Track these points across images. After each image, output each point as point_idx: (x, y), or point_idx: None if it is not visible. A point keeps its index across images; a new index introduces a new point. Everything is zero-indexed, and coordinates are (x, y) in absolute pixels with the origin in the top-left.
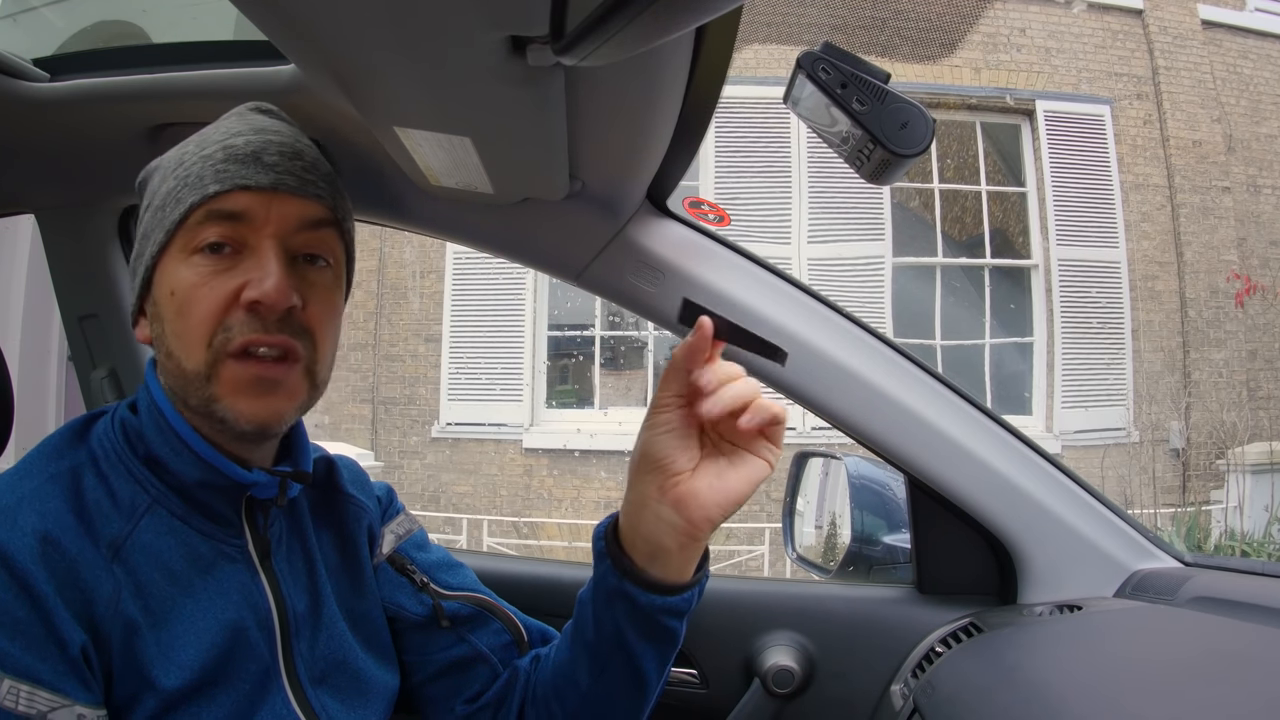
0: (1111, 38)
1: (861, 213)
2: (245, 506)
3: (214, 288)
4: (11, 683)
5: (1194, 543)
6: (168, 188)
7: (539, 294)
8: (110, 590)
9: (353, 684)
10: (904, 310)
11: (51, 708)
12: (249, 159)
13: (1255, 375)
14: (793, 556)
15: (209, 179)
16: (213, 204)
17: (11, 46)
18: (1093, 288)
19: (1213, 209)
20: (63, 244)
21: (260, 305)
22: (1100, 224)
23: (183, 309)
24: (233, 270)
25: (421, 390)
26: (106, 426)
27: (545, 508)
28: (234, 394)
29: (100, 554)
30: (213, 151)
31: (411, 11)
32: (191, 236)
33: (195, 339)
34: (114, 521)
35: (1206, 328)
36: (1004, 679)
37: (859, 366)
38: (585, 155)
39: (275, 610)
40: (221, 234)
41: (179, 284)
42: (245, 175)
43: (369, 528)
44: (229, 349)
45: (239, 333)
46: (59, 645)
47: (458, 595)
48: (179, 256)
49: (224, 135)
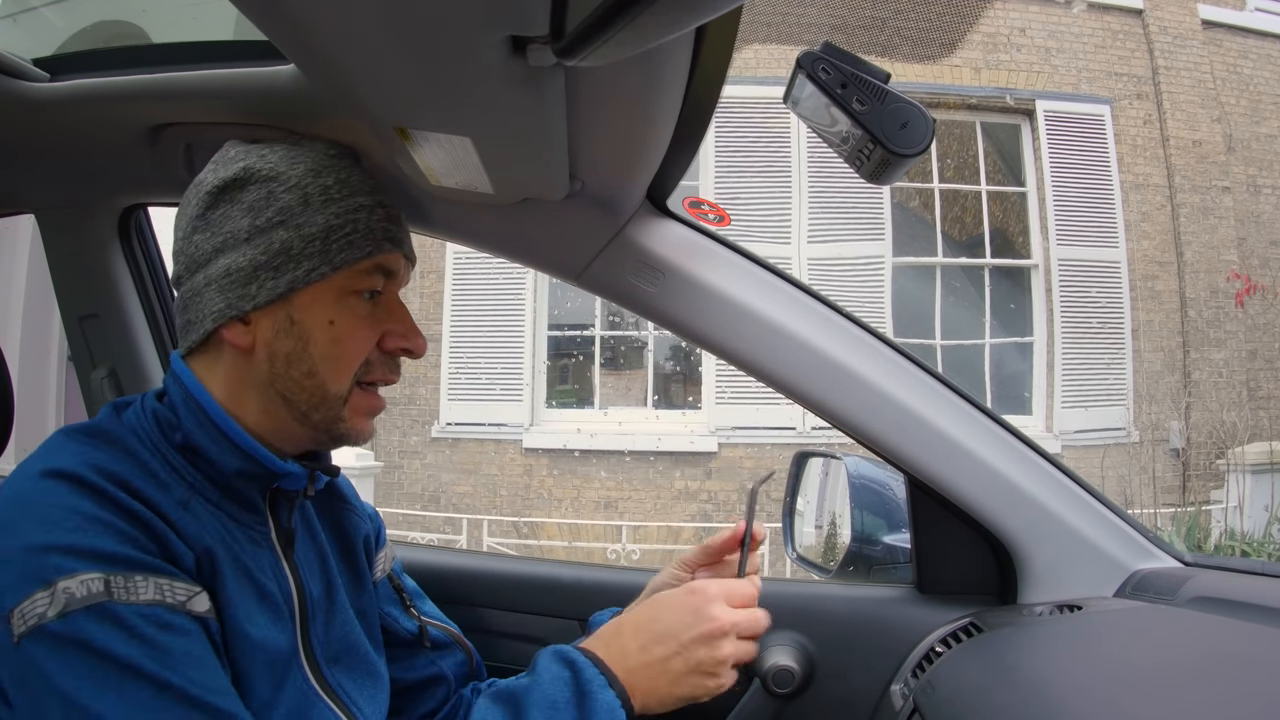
0: (1111, 38)
1: (861, 213)
2: (270, 499)
3: (369, 329)
4: (154, 580)
5: (1194, 543)
6: (325, 221)
7: (539, 294)
8: (196, 530)
9: (362, 665)
10: (904, 310)
11: (189, 595)
12: (395, 223)
13: (1255, 375)
14: (793, 556)
15: (380, 236)
16: (381, 259)
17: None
18: (1093, 288)
19: (1213, 209)
20: (63, 244)
21: (411, 354)
22: (1100, 224)
23: (339, 340)
24: (375, 315)
25: (421, 390)
26: (139, 414)
27: (545, 508)
28: (357, 416)
29: (176, 501)
30: (371, 204)
31: (411, 12)
32: (355, 280)
33: (345, 368)
34: (175, 487)
35: (1206, 328)
36: (1004, 679)
37: (859, 366)
38: (585, 155)
39: (296, 594)
40: (377, 286)
41: (340, 318)
42: (400, 240)
43: (366, 539)
44: (363, 379)
45: (378, 371)
46: (174, 556)
47: (435, 623)
48: (338, 292)
49: (358, 185)
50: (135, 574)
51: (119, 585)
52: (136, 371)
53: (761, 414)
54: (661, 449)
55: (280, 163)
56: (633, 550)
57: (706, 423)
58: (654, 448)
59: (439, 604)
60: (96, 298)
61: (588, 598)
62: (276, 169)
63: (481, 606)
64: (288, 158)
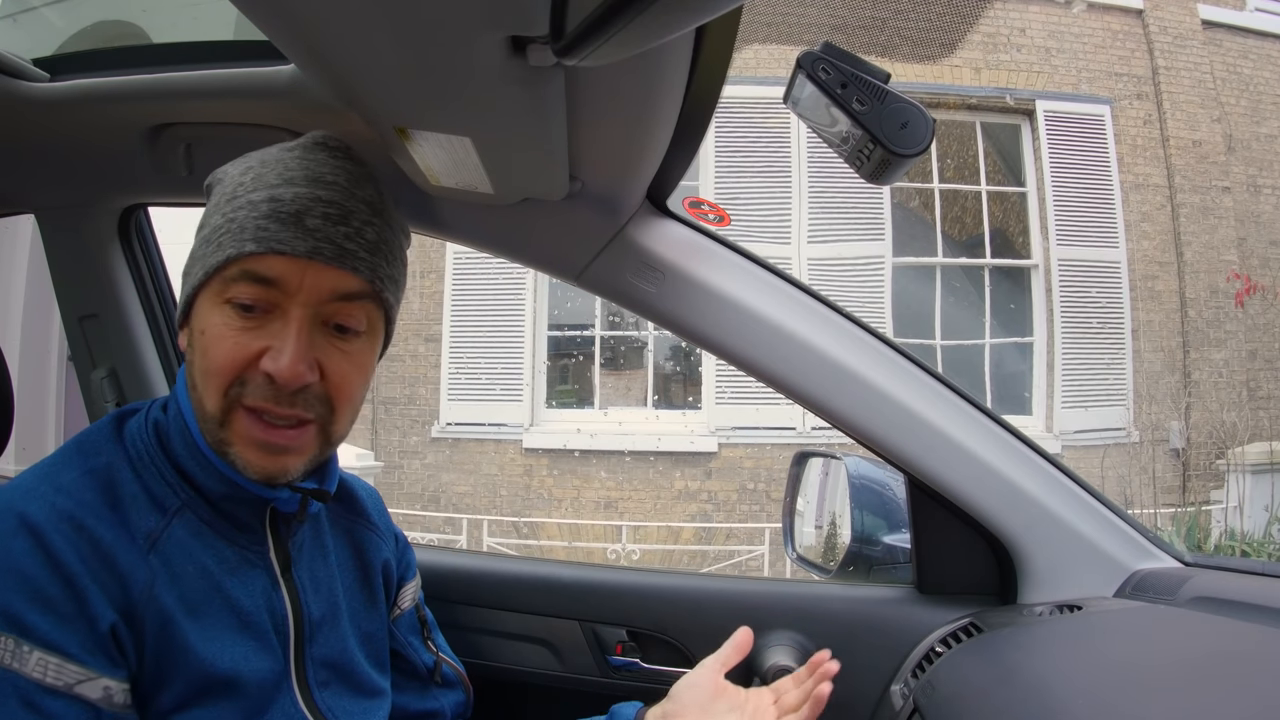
0: (1111, 38)
1: (861, 213)
2: (270, 516)
3: (238, 344)
4: (41, 655)
5: (1194, 543)
6: (215, 222)
7: (539, 294)
8: (146, 577)
9: (361, 688)
10: (904, 310)
11: (79, 680)
12: (291, 220)
13: (1255, 375)
14: (793, 556)
15: (248, 235)
16: (248, 263)
17: (11, 46)
18: (1093, 288)
19: (1213, 209)
20: (63, 244)
21: (271, 378)
22: (1100, 224)
23: (208, 352)
24: (259, 330)
25: (421, 390)
26: (140, 426)
27: (545, 508)
28: (244, 444)
29: (137, 544)
30: (260, 199)
31: (411, 12)
32: (225, 287)
33: (214, 385)
34: (150, 516)
35: (1206, 328)
36: (1004, 679)
37: (859, 366)
38: (585, 155)
39: (292, 618)
40: (253, 296)
41: (209, 327)
42: (283, 240)
43: (385, 563)
44: (242, 403)
45: (251, 394)
46: (89, 622)
47: (447, 660)
48: (213, 299)
49: (278, 179)
50: (26, 643)
51: (8, 649)
52: (136, 371)
53: (761, 414)
54: (661, 449)
55: (239, 163)
56: (633, 550)
57: (706, 423)
58: (654, 448)
59: (439, 604)
60: (96, 298)
61: (588, 598)
62: (228, 171)
63: (481, 606)
64: (252, 157)
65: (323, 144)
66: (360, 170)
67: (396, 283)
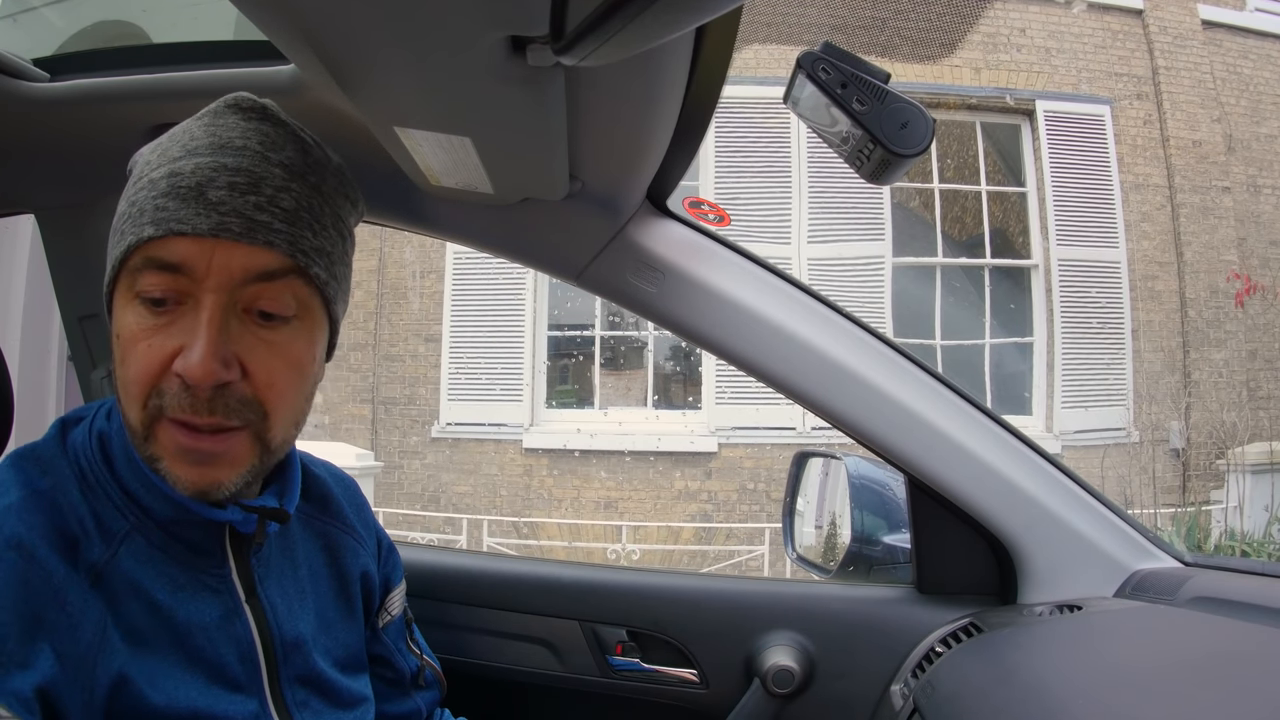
0: (1111, 38)
1: (861, 213)
2: (230, 533)
3: (151, 346)
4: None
5: (1194, 543)
6: (122, 208)
7: (539, 294)
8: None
9: (337, 702)
10: (904, 310)
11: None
12: (191, 194)
13: (1255, 375)
14: (793, 556)
15: (146, 218)
16: (149, 250)
17: (11, 46)
18: (1093, 288)
19: (1213, 209)
20: (63, 244)
21: (182, 378)
22: (1100, 224)
23: (123, 360)
24: (171, 328)
25: (421, 390)
26: (84, 439)
27: (545, 508)
28: (172, 458)
29: (81, 578)
30: (160, 176)
31: (411, 12)
32: (133, 280)
33: (132, 397)
34: (95, 545)
35: (1206, 328)
36: (1004, 679)
37: (859, 366)
38: (585, 155)
39: (260, 642)
40: (161, 286)
41: (123, 330)
42: (182, 218)
43: (365, 572)
44: (164, 414)
45: (169, 404)
46: (27, 671)
47: (429, 662)
48: (125, 296)
49: (181, 150)
50: None
51: None
52: None
53: (761, 414)
54: (661, 449)
55: (154, 141)
56: (633, 550)
57: (706, 423)
58: (654, 448)
59: (439, 604)
60: (96, 298)
61: (588, 598)
62: (142, 152)
63: (481, 606)
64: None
65: (235, 106)
66: (279, 131)
67: (328, 255)
